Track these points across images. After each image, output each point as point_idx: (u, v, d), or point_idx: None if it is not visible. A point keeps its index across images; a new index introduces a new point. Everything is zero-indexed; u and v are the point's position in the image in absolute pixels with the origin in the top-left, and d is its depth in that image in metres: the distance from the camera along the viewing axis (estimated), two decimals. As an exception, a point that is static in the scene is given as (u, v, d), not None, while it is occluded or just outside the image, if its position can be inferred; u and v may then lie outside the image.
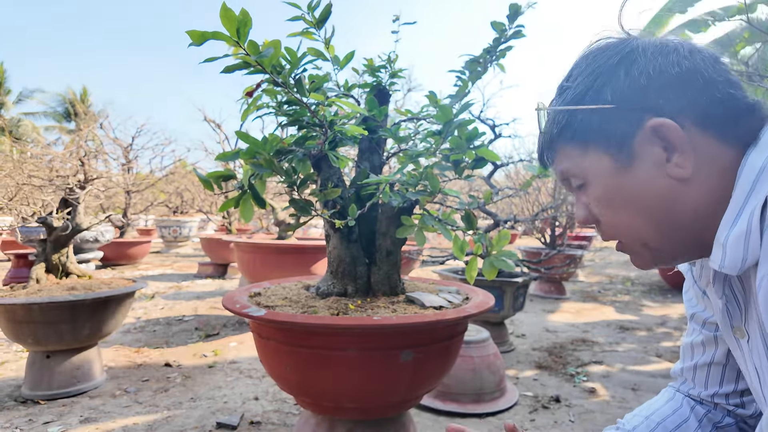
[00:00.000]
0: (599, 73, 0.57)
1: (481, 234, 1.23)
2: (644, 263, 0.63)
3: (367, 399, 1.21)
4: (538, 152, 0.68)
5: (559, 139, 0.62)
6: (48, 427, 1.82)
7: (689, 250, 0.60)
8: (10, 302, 1.94)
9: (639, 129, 0.55)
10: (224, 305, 1.25)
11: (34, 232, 4.98)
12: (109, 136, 6.21)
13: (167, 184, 8.69)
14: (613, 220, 0.61)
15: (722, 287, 0.58)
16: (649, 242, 0.59)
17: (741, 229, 0.49)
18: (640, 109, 0.55)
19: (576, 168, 0.61)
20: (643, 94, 0.54)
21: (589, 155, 0.59)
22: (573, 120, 0.59)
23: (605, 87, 0.56)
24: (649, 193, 0.56)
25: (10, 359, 2.64)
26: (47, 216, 2.30)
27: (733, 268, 0.51)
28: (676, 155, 0.54)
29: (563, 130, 0.61)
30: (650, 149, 0.55)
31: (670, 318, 4.02)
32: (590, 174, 0.60)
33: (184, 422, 1.88)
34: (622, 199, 0.58)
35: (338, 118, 1.24)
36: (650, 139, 0.54)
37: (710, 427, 0.75)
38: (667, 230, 0.57)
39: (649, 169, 0.55)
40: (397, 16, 1.47)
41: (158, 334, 3.25)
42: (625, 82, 0.55)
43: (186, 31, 0.90)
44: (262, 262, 3.29)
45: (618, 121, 0.56)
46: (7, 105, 24.52)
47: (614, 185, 0.58)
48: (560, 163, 0.64)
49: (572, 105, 0.58)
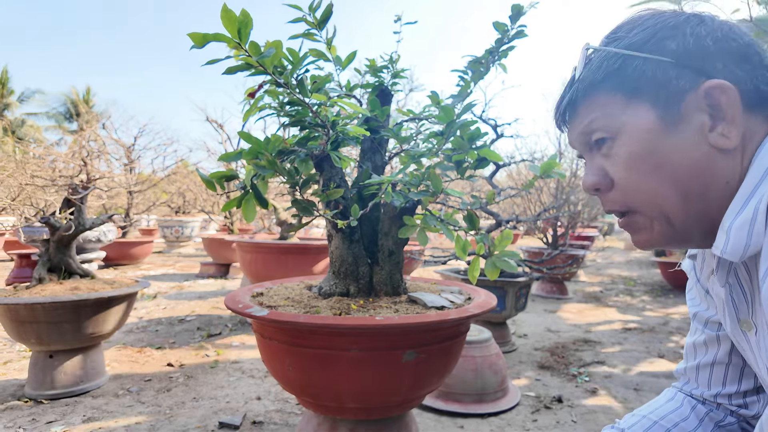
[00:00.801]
0: (662, 26, 0.55)
1: (484, 234, 1.23)
2: (650, 239, 0.59)
3: (369, 399, 1.21)
4: (562, 106, 0.63)
5: (601, 85, 0.58)
6: (51, 426, 1.83)
7: (700, 233, 0.57)
8: (14, 302, 1.95)
9: (692, 90, 0.53)
10: (226, 305, 1.25)
11: (37, 232, 4.99)
12: (111, 137, 6.22)
13: (169, 184, 8.71)
14: (637, 183, 0.56)
15: (726, 275, 0.58)
16: (670, 213, 0.56)
17: (747, 216, 0.49)
18: (698, 71, 0.53)
19: (609, 120, 0.57)
20: (706, 55, 0.53)
21: (632, 108, 0.56)
22: (625, 66, 0.55)
23: (668, 40, 0.54)
24: (686, 159, 0.53)
25: (14, 359, 2.65)
26: (50, 216, 2.31)
27: (735, 254, 0.50)
28: (723, 124, 0.52)
29: (610, 75, 0.57)
30: (697, 114, 0.53)
31: (672, 318, 4.01)
32: (628, 128, 0.56)
33: (186, 422, 1.88)
34: (656, 161, 0.55)
35: (340, 118, 1.24)
36: (699, 103, 0.53)
37: (712, 425, 0.74)
38: (693, 203, 0.55)
39: (692, 134, 0.53)
40: (399, 16, 1.47)
41: (161, 333, 3.25)
42: (689, 39, 0.53)
43: (187, 34, 0.90)
44: (264, 262, 3.29)
45: (674, 76, 0.53)
46: (12, 106, 24.61)
47: (652, 144, 0.55)
48: (589, 115, 0.59)
49: (628, 51, 0.55)
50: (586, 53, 0.60)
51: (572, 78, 0.62)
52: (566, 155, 5.12)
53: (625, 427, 0.78)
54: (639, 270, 7.46)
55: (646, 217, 0.58)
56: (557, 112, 0.65)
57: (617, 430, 0.79)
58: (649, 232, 0.59)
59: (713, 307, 0.74)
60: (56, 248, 2.34)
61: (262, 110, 1.19)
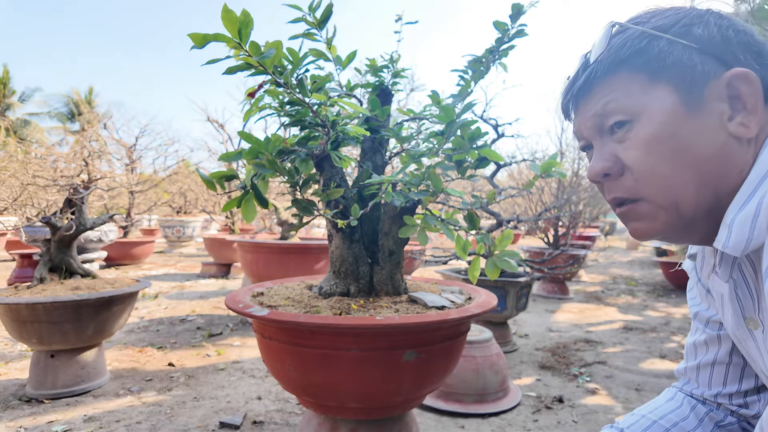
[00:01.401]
0: (687, 14, 0.55)
1: (484, 234, 1.23)
2: (652, 228, 0.58)
3: (369, 399, 1.21)
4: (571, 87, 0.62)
5: (623, 65, 0.56)
6: (52, 426, 1.83)
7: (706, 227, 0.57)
8: (15, 302, 1.95)
9: (715, 78, 0.53)
10: (227, 305, 1.25)
11: (39, 232, 5.00)
12: (113, 137, 6.23)
13: (171, 184, 8.72)
14: (655, 167, 0.55)
15: (729, 270, 0.57)
16: (681, 202, 0.55)
17: (750, 210, 0.49)
18: (720, 59, 0.53)
19: (629, 101, 0.56)
20: (729, 45, 0.53)
21: (656, 89, 0.55)
22: (651, 47, 0.55)
23: (694, 26, 0.54)
24: (706, 147, 0.53)
25: (15, 358, 2.65)
26: (51, 216, 2.31)
27: (737, 249, 0.50)
28: (743, 114, 0.53)
29: (635, 55, 0.56)
30: (717, 102, 0.53)
31: (673, 318, 4.01)
32: (649, 110, 0.55)
33: (187, 422, 1.89)
34: (676, 145, 0.54)
35: (341, 118, 1.24)
36: (720, 91, 0.53)
37: (712, 425, 0.74)
38: (704, 193, 0.54)
39: (712, 122, 0.53)
40: (400, 16, 1.47)
41: (162, 333, 3.26)
42: (713, 28, 0.54)
43: (187, 34, 0.90)
44: (264, 262, 3.30)
45: (699, 62, 0.54)
46: (14, 106, 24.67)
47: (673, 128, 0.54)
48: (606, 96, 0.58)
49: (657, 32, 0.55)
50: (611, 30, 0.58)
51: (586, 61, 0.61)
52: (567, 155, 5.11)
53: (624, 427, 0.78)
54: (641, 270, 7.45)
55: (654, 205, 0.57)
56: (567, 95, 0.63)
57: (616, 429, 0.79)
58: (652, 221, 0.57)
59: (714, 307, 0.74)
60: (57, 248, 2.35)
61: (262, 110, 1.19)
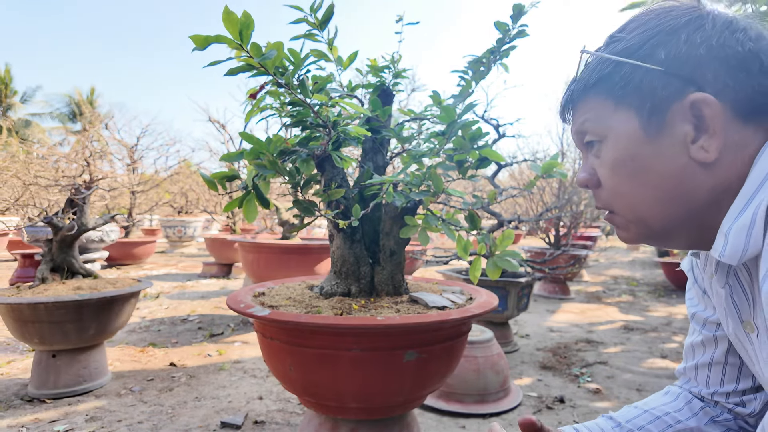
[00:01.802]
0: (658, 31, 0.55)
1: (485, 234, 1.23)
2: (629, 238, 0.62)
3: (370, 399, 1.21)
4: (563, 102, 0.66)
5: (593, 88, 0.59)
6: (54, 425, 1.83)
7: (687, 234, 0.58)
8: (17, 302, 1.95)
9: (678, 100, 0.53)
10: (228, 305, 1.26)
11: (41, 232, 5.01)
12: (114, 137, 6.24)
13: (172, 184, 8.73)
14: (618, 187, 0.59)
15: (725, 277, 0.58)
16: (647, 217, 0.58)
17: (745, 220, 0.49)
18: (687, 80, 0.53)
19: (598, 123, 0.59)
20: (696, 64, 0.52)
21: (619, 113, 0.57)
22: (615, 72, 0.56)
23: (660, 47, 0.54)
24: (665, 169, 0.54)
25: (17, 358, 2.66)
26: (53, 216, 2.32)
27: (733, 258, 0.50)
28: (705, 137, 0.52)
29: (602, 80, 0.58)
30: (681, 124, 0.53)
31: (675, 318, 4.00)
32: (613, 133, 0.58)
33: (188, 421, 1.89)
34: (636, 168, 0.56)
35: (342, 118, 1.24)
36: (684, 113, 0.53)
37: (707, 419, 0.75)
38: (671, 210, 0.56)
39: (672, 145, 0.54)
40: (401, 17, 1.47)
41: (163, 333, 3.26)
42: (682, 48, 0.53)
43: (189, 36, 0.90)
44: (266, 262, 3.30)
45: (661, 85, 0.54)
46: (15, 107, 24.72)
47: (633, 151, 0.56)
48: (582, 115, 0.61)
49: (621, 56, 0.56)
50: (581, 57, 0.61)
51: (574, 76, 0.63)
52: (568, 155, 5.11)
53: (614, 416, 0.81)
54: (642, 270, 7.44)
55: (624, 219, 0.61)
56: (560, 107, 0.67)
57: (606, 417, 0.82)
58: (626, 231, 0.62)
59: (710, 308, 0.75)
60: (59, 248, 2.35)
61: (263, 111, 1.20)
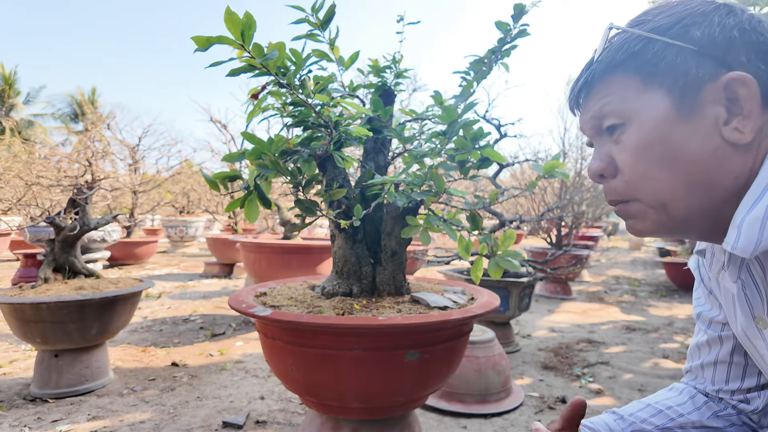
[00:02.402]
0: (690, 13, 0.54)
1: (487, 234, 1.23)
2: (645, 228, 0.59)
3: (372, 399, 1.21)
4: (579, 86, 0.63)
5: (619, 67, 0.57)
6: (56, 425, 1.84)
7: (703, 225, 0.57)
8: (19, 301, 1.96)
9: (711, 81, 0.52)
10: (230, 305, 1.26)
11: (43, 232, 5.02)
12: (116, 137, 6.25)
13: (173, 184, 8.75)
14: (644, 171, 0.56)
15: (738, 271, 0.57)
16: (669, 204, 0.55)
17: (759, 212, 0.48)
18: (721, 61, 0.52)
19: (623, 104, 0.57)
20: (731, 46, 0.52)
21: (648, 93, 0.55)
22: (646, 50, 0.55)
23: (695, 27, 0.53)
24: (697, 152, 0.53)
25: (19, 358, 2.67)
26: (55, 216, 2.32)
27: (746, 250, 0.50)
28: (738, 119, 0.51)
29: (630, 58, 0.56)
30: (713, 105, 0.52)
31: (676, 318, 4.00)
32: (641, 114, 0.56)
33: (190, 421, 1.89)
34: (665, 150, 0.54)
35: (343, 118, 1.24)
36: (717, 95, 0.52)
37: (710, 413, 0.76)
38: (695, 196, 0.54)
39: (705, 126, 0.52)
40: (401, 17, 1.47)
41: (165, 333, 3.27)
42: (716, 29, 0.52)
43: (191, 37, 0.90)
44: (267, 262, 3.30)
45: (695, 64, 0.53)
46: (18, 107, 24.80)
47: (663, 132, 0.54)
48: (603, 98, 0.59)
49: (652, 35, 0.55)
50: (608, 33, 0.59)
51: (591, 59, 0.61)
52: (570, 155, 5.10)
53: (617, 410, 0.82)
54: (644, 270, 7.43)
55: (643, 205, 0.58)
56: (572, 92, 0.64)
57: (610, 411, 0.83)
58: (642, 220, 0.59)
59: (716, 308, 0.75)
60: (61, 248, 2.36)
61: (265, 111, 1.20)
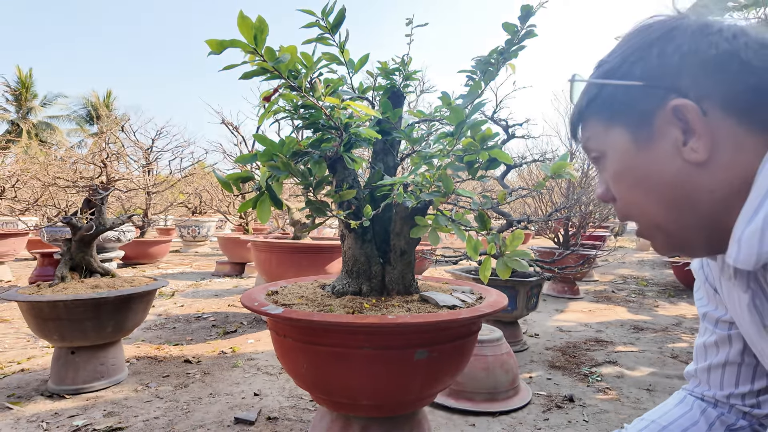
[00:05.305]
0: (635, 49, 0.58)
1: (495, 234, 1.25)
2: (659, 248, 0.64)
3: (381, 396, 1.23)
4: (571, 124, 0.69)
5: (586, 111, 0.64)
6: (73, 420, 1.89)
7: (704, 238, 0.58)
8: (37, 299, 2.01)
9: (661, 108, 0.55)
10: (243, 303, 1.29)
11: (59, 232, 5.11)
12: (130, 139, 6.34)
13: (186, 185, 8.83)
14: (627, 197, 0.62)
15: (746, 281, 0.58)
16: (661, 224, 0.60)
17: (756, 225, 0.49)
18: (667, 88, 0.55)
19: (597, 141, 0.63)
20: (673, 73, 0.54)
21: (611, 131, 0.60)
22: (601, 93, 0.60)
23: (637, 63, 0.57)
24: (662, 174, 0.56)
25: (37, 355, 2.73)
26: (71, 216, 2.38)
27: (748, 263, 0.50)
28: (693, 139, 0.54)
29: (591, 102, 0.62)
30: (670, 130, 0.55)
31: (684, 318, 3.96)
32: (609, 149, 0.61)
33: (203, 417, 1.93)
34: (636, 178, 0.59)
35: (353, 120, 1.26)
36: (670, 119, 0.54)
37: (723, 429, 0.74)
38: (680, 214, 0.57)
39: (666, 150, 0.56)
40: (410, 19, 1.49)
41: (178, 331, 3.32)
42: (656, 60, 0.55)
43: (205, 41, 0.93)
44: (278, 262, 3.34)
45: (642, 98, 0.56)
46: (35, 110, 25.21)
47: (630, 162, 0.59)
48: (585, 134, 0.65)
49: (604, 78, 0.60)
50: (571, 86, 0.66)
51: None
52: (577, 155, 5.08)
53: None
54: (651, 270, 7.36)
55: (644, 227, 0.63)
56: (572, 130, 0.71)
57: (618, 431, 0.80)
58: (653, 240, 0.63)
59: (722, 307, 0.74)
60: (77, 247, 2.41)
61: (276, 113, 1.23)
